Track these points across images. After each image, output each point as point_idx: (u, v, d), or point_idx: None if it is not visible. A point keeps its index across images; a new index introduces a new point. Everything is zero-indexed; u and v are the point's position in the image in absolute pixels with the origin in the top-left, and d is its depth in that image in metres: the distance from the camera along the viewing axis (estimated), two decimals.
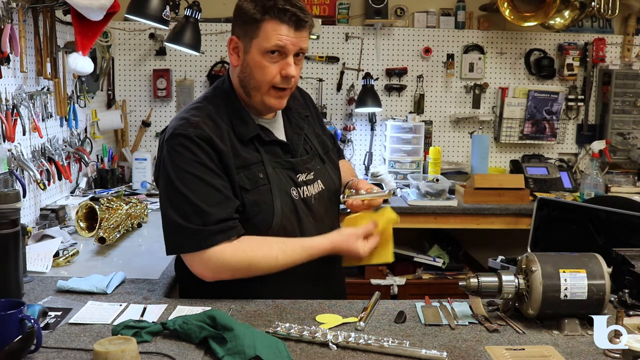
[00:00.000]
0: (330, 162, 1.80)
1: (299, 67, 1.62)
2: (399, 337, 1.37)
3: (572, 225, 2.70)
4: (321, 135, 1.83)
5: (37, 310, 1.39)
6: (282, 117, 1.74)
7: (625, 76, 3.92)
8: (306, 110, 1.81)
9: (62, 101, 2.76)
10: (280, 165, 1.65)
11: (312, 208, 1.68)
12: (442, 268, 3.61)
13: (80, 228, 2.28)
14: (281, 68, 1.57)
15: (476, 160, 3.86)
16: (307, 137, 1.76)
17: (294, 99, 1.78)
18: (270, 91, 1.60)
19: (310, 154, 1.74)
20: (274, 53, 1.56)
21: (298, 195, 1.65)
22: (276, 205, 1.59)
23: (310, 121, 1.82)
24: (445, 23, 3.97)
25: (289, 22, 1.53)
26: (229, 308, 1.55)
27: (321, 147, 1.79)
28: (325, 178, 1.75)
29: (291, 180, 1.65)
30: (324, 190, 1.73)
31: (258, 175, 1.59)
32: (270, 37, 1.54)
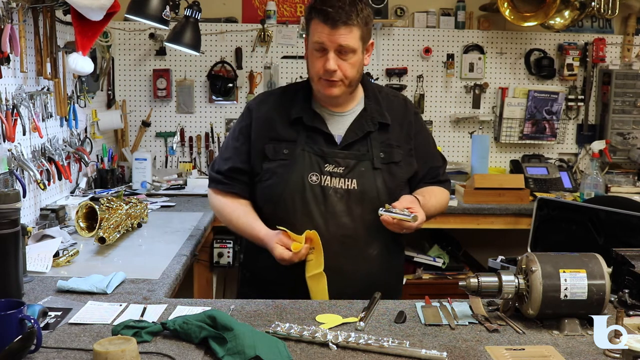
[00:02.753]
0: (387, 172, 1.82)
1: (348, 63, 1.73)
2: (399, 337, 1.37)
3: (572, 225, 2.70)
4: (396, 147, 1.85)
5: (37, 310, 1.39)
6: (356, 115, 1.85)
7: (625, 76, 3.92)
8: (383, 118, 1.85)
9: (62, 101, 2.76)
10: (312, 150, 1.80)
11: (328, 199, 1.77)
12: (442, 268, 3.61)
13: (80, 228, 2.28)
14: (324, 62, 1.73)
15: (476, 160, 3.85)
16: (370, 140, 1.82)
17: (377, 103, 1.87)
18: (320, 81, 1.77)
19: (356, 153, 1.80)
20: (318, 49, 1.73)
21: (318, 181, 1.78)
22: (285, 180, 1.78)
23: (389, 130, 1.85)
24: (445, 23, 3.96)
25: (325, 21, 1.69)
26: (229, 308, 1.55)
27: (384, 155, 1.82)
28: (365, 181, 1.79)
29: (317, 166, 1.79)
30: (356, 191, 1.78)
31: (282, 151, 1.81)
32: (313, 35, 1.74)
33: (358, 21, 1.70)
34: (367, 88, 1.91)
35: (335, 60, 1.71)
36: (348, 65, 1.73)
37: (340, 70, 1.73)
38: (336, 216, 1.77)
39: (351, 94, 1.84)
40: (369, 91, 1.90)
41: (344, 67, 1.73)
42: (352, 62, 1.74)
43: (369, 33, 1.78)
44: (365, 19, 1.73)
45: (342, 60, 1.72)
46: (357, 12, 1.70)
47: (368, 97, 1.89)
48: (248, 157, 1.86)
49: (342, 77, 1.74)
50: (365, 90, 1.90)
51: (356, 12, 1.70)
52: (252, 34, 3.86)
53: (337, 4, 1.68)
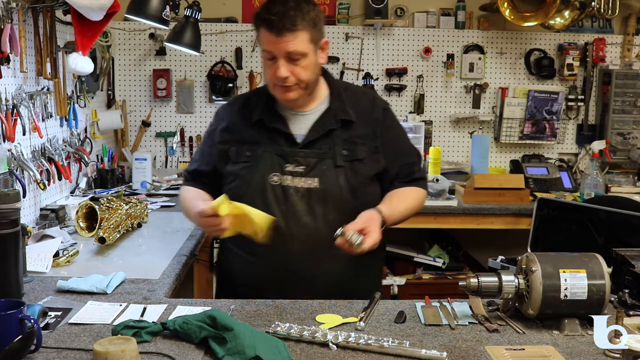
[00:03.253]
0: (350, 170, 1.79)
1: (301, 67, 1.72)
2: (399, 337, 1.37)
3: (572, 225, 2.70)
4: (361, 145, 1.82)
5: (37, 310, 1.39)
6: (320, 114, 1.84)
7: (625, 76, 3.92)
8: (346, 115, 1.82)
9: (62, 101, 2.76)
10: (274, 151, 1.80)
11: (289, 198, 1.76)
12: (442, 268, 3.61)
13: (80, 228, 2.28)
14: (275, 70, 1.73)
15: (476, 160, 3.86)
16: (332, 138, 1.80)
17: (341, 101, 1.85)
18: (276, 87, 1.78)
19: (317, 151, 1.79)
20: (268, 57, 1.74)
21: (279, 181, 1.77)
22: (247, 181, 1.79)
23: (354, 127, 1.83)
24: (445, 23, 3.97)
25: (270, 29, 1.69)
26: (229, 308, 1.55)
27: (348, 152, 1.80)
28: (327, 179, 1.77)
29: (278, 166, 1.78)
30: (318, 189, 1.76)
31: (245, 153, 1.82)
32: (262, 43, 1.75)
33: (304, 24, 1.68)
34: (332, 86, 1.89)
35: (286, 67, 1.71)
36: (300, 69, 1.72)
37: (292, 76, 1.72)
38: (297, 215, 1.76)
39: (311, 95, 1.82)
40: (333, 89, 1.88)
41: (296, 71, 1.72)
42: (304, 66, 1.72)
43: (319, 33, 1.75)
44: (312, 20, 1.70)
45: (294, 65, 1.71)
46: (302, 16, 1.68)
47: (332, 94, 1.86)
48: (211, 160, 1.90)
49: (296, 81, 1.73)
50: (330, 88, 1.88)
51: (301, 16, 1.68)
52: (252, 34, 3.86)
53: (280, 10, 1.67)
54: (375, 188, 1.86)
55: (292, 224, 1.75)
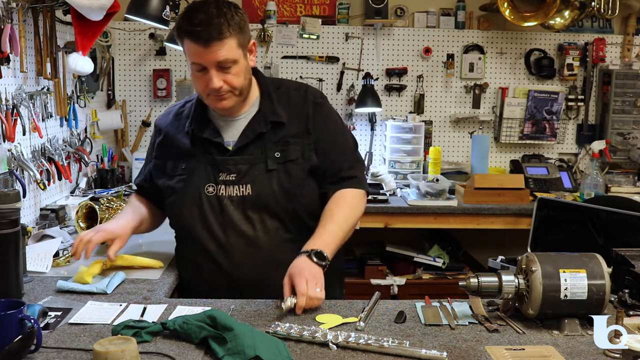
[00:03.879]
0: (283, 172, 1.74)
1: (233, 74, 1.68)
2: (399, 337, 1.37)
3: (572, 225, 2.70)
4: (293, 144, 1.76)
5: (37, 310, 1.39)
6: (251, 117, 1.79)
7: (625, 76, 3.92)
8: (276, 117, 1.77)
9: (62, 101, 2.76)
10: (207, 161, 1.77)
11: (224, 208, 1.74)
12: (442, 268, 3.61)
13: (80, 228, 2.27)
14: (206, 81, 1.68)
15: (476, 160, 3.86)
16: (263, 141, 1.76)
17: (271, 102, 1.80)
18: (210, 97, 1.73)
19: (247, 157, 1.75)
20: (198, 69, 1.68)
21: (214, 192, 1.76)
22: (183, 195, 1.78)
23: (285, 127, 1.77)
24: (445, 23, 3.96)
25: (196, 41, 1.62)
26: (229, 308, 1.55)
27: (280, 154, 1.75)
28: (260, 185, 1.73)
29: (212, 177, 1.76)
30: (251, 196, 1.73)
31: (180, 166, 1.80)
32: (189, 55, 1.68)
33: (230, 31, 1.62)
34: (262, 87, 1.83)
35: (218, 77, 1.66)
36: (232, 77, 1.67)
37: (226, 84, 1.67)
38: (234, 225, 1.73)
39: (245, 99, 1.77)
40: (263, 90, 1.82)
41: (229, 79, 1.67)
42: (235, 73, 1.68)
43: (246, 37, 1.70)
44: (238, 25, 1.65)
45: (225, 73, 1.66)
46: (227, 23, 1.62)
47: (262, 96, 1.81)
48: (149, 176, 1.92)
49: (230, 89, 1.69)
50: (260, 89, 1.83)
51: (226, 23, 1.61)
52: (252, 34, 3.86)
53: (204, 20, 1.60)
54: (310, 189, 1.79)
55: (230, 234, 1.74)
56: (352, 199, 1.80)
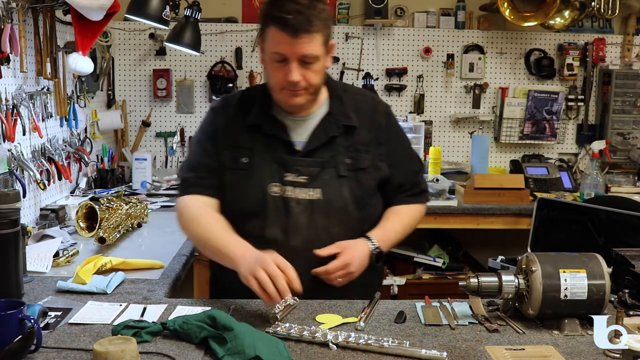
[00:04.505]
0: (354, 180, 1.69)
1: (313, 71, 1.60)
2: (399, 337, 1.37)
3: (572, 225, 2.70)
4: (364, 152, 1.72)
5: (37, 310, 1.39)
6: (320, 118, 1.72)
7: (625, 76, 3.92)
8: (349, 120, 1.71)
9: (62, 101, 2.76)
10: (272, 159, 1.68)
11: (291, 210, 1.65)
12: (442, 268, 3.61)
13: (80, 228, 2.28)
14: (285, 73, 1.59)
15: (476, 160, 3.85)
16: (334, 145, 1.69)
17: (341, 104, 1.74)
18: (283, 91, 1.64)
19: (319, 160, 1.68)
20: (278, 60, 1.59)
21: (280, 192, 1.66)
22: (243, 192, 1.68)
23: (356, 133, 1.72)
24: (445, 23, 3.97)
25: (285, 29, 1.54)
26: (229, 308, 1.55)
27: (351, 161, 1.70)
28: (330, 190, 1.67)
29: (277, 176, 1.67)
30: (321, 201, 1.66)
31: (241, 160, 1.69)
32: (271, 44, 1.59)
33: (320, 25, 1.56)
34: (331, 88, 1.77)
35: (298, 71, 1.58)
36: (312, 74, 1.60)
37: (304, 80, 1.60)
38: (299, 229, 1.64)
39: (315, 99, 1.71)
40: (332, 91, 1.76)
41: (308, 76, 1.60)
42: (316, 70, 1.61)
43: (330, 34, 1.64)
44: (326, 21, 1.59)
45: (306, 69, 1.59)
46: (317, 15, 1.55)
47: (332, 97, 1.75)
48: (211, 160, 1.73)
49: (306, 85, 1.61)
50: (329, 90, 1.76)
51: (317, 16, 1.55)
52: (252, 34, 3.86)
53: (295, 9, 1.53)
54: (378, 199, 1.77)
55: (292, 238, 1.64)
56: (421, 214, 1.87)
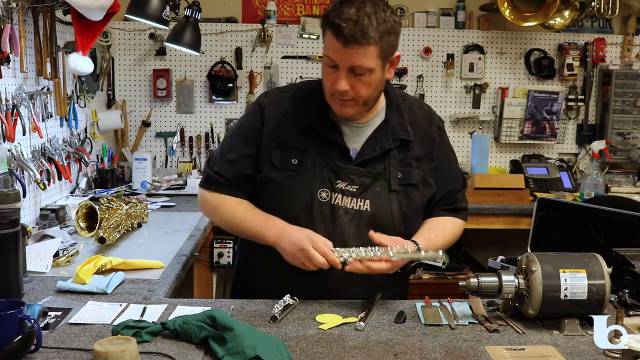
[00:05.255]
0: (404, 195, 1.66)
1: (364, 83, 1.54)
2: (399, 337, 1.37)
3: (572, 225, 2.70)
4: (415, 167, 1.68)
5: (37, 310, 1.39)
6: (376, 127, 1.68)
7: (625, 76, 3.92)
8: (405, 134, 1.67)
9: (62, 101, 2.76)
10: (324, 164, 1.63)
11: (337, 219, 1.61)
12: (442, 268, 3.61)
13: (80, 228, 2.28)
14: (335, 80, 1.55)
15: (476, 160, 3.85)
16: (388, 157, 1.66)
17: (400, 117, 1.69)
18: (333, 98, 1.60)
19: (372, 171, 1.64)
20: (330, 65, 1.55)
21: (328, 198, 1.62)
22: (292, 194, 1.62)
23: (410, 147, 1.68)
24: (445, 23, 3.97)
25: (337, 36, 1.49)
26: (229, 308, 1.55)
27: (402, 175, 1.66)
28: (380, 203, 1.63)
29: (328, 182, 1.62)
30: (368, 213, 1.62)
31: (291, 160, 1.64)
32: (326, 48, 1.56)
33: (376, 37, 1.48)
34: (390, 96, 1.70)
35: (347, 80, 1.53)
36: (362, 85, 1.54)
37: (352, 90, 1.54)
38: (344, 239, 1.60)
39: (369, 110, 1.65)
40: (391, 100, 1.70)
41: (357, 87, 1.54)
42: (367, 82, 1.54)
43: (392, 46, 1.56)
44: (387, 32, 1.51)
45: (356, 79, 1.53)
46: (376, 26, 1.48)
47: (390, 107, 1.69)
48: (256, 162, 1.67)
49: (354, 96, 1.55)
50: (387, 98, 1.70)
51: (375, 27, 1.47)
52: (252, 34, 3.86)
53: (353, 17, 1.46)
54: (423, 215, 1.74)
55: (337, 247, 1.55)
56: (460, 229, 1.82)
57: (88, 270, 1.75)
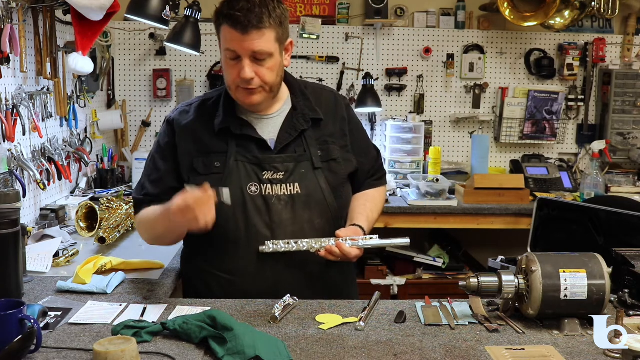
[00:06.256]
0: (328, 171, 1.74)
1: (267, 68, 1.63)
2: (399, 337, 1.37)
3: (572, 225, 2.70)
4: (331, 143, 1.77)
5: (37, 310, 1.39)
6: (286, 115, 1.76)
7: (625, 76, 3.92)
8: (315, 114, 1.76)
9: (62, 101, 2.76)
10: (246, 160, 1.69)
11: (272, 208, 1.67)
12: (442, 268, 3.61)
13: (80, 228, 2.28)
14: (238, 71, 1.62)
15: (476, 160, 3.86)
16: (304, 139, 1.73)
17: (306, 99, 1.78)
18: (239, 90, 1.67)
19: (293, 155, 1.71)
20: (231, 57, 1.62)
21: (258, 191, 1.68)
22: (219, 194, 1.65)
23: (322, 126, 1.77)
24: (445, 23, 3.97)
25: (234, 26, 1.58)
26: (229, 308, 1.55)
27: (322, 153, 1.74)
28: (309, 183, 1.71)
29: (254, 175, 1.69)
30: (300, 195, 1.69)
31: (214, 164, 1.69)
32: (224, 42, 1.63)
33: (271, 22, 1.59)
34: (292, 85, 1.80)
35: (251, 67, 1.60)
36: (266, 71, 1.62)
37: (257, 77, 1.62)
38: (283, 225, 1.67)
39: (275, 98, 1.73)
40: (294, 88, 1.80)
41: (261, 72, 1.62)
42: (269, 67, 1.63)
43: (285, 33, 1.67)
44: (279, 19, 1.62)
45: (259, 65, 1.61)
46: (268, 13, 1.59)
47: (295, 94, 1.78)
48: (179, 174, 1.72)
49: (261, 83, 1.63)
50: (290, 87, 1.80)
51: (268, 13, 1.58)
52: None
53: (245, 7, 1.56)
54: (349, 187, 1.83)
55: (278, 234, 1.66)
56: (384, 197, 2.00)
57: (88, 270, 1.75)
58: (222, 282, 1.72)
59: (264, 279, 1.68)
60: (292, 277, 1.69)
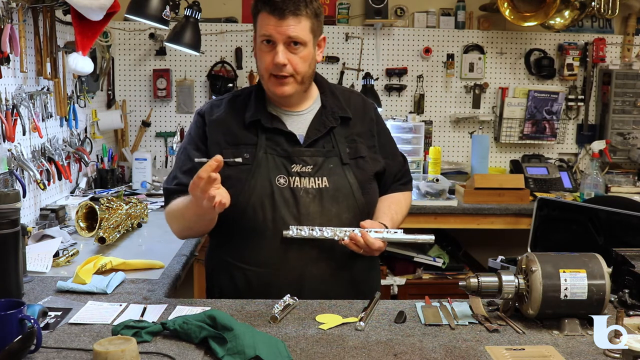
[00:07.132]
0: (356, 167, 1.76)
1: (299, 57, 1.66)
2: (399, 337, 1.37)
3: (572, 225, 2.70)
4: (359, 142, 1.79)
5: (37, 310, 1.39)
6: (315, 113, 1.79)
7: (625, 76, 3.92)
8: (344, 112, 1.79)
9: (62, 101, 2.77)
10: (275, 152, 1.72)
11: (299, 200, 1.69)
12: (442, 268, 3.61)
13: (80, 228, 2.28)
14: (272, 57, 1.65)
15: (476, 160, 3.86)
16: (333, 136, 1.76)
17: (335, 98, 1.81)
18: (271, 78, 1.69)
19: (322, 150, 1.74)
20: (266, 42, 1.66)
21: (286, 183, 1.70)
22: (250, 185, 1.69)
23: (351, 125, 1.80)
24: (445, 23, 3.97)
25: (272, 12, 1.62)
26: (229, 308, 1.55)
27: (350, 150, 1.77)
28: (337, 178, 1.73)
29: (283, 168, 1.71)
30: (328, 188, 1.71)
31: (243, 155, 1.70)
32: (260, 28, 1.67)
33: (307, 12, 1.63)
34: (322, 85, 1.84)
35: (285, 54, 1.64)
36: (299, 59, 1.65)
37: (290, 65, 1.65)
38: (310, 218, 1.68)
39: (305, 92, 1.76)
40: (324, 88, 1.83)
41: (294, 61, 1.65)
42: (302, 56, 1.66)
43: (319, 26, 1.70)
44: (315, 11, 1.66)
45: (292, 53, 1.65)
46: (305, 3, 1.63)
47: (324, 94, 1.82)
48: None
49: (293, 72, 1.66)
50: (320, 87, 1.83)
51: (305, 3, 1.63)
52: (252, 34, 3.85)
53: None
54: (376, 186, 1.84)
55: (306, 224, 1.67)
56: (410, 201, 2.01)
57: (88, 270, 1.75)
58: (247, 275, 1.72)
59: (289, 270, 1.69)
60: (316, 269, 1.70)
